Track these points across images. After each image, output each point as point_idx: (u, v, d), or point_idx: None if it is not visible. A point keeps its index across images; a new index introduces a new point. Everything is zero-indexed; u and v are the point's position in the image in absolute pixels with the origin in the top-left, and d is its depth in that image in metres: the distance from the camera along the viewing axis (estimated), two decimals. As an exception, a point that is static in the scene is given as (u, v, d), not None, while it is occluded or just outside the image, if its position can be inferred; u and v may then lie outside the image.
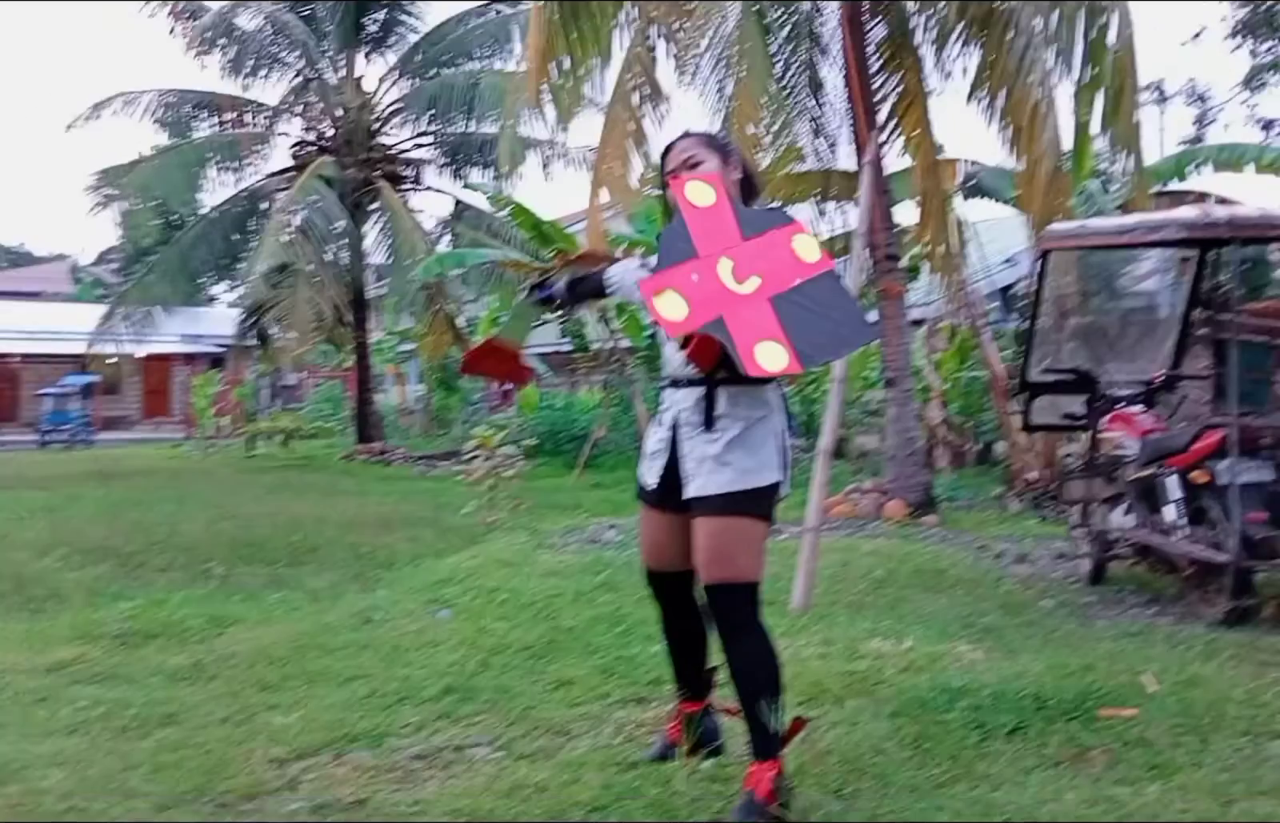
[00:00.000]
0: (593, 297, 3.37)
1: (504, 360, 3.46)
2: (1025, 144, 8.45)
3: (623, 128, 9.22)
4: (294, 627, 5.24)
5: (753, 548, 2.87)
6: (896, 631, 4.78)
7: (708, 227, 2.72)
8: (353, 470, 15.93)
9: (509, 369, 3.50)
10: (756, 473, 2.84)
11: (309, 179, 16.90)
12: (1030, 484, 10.16)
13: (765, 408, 2.89)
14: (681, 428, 2.96)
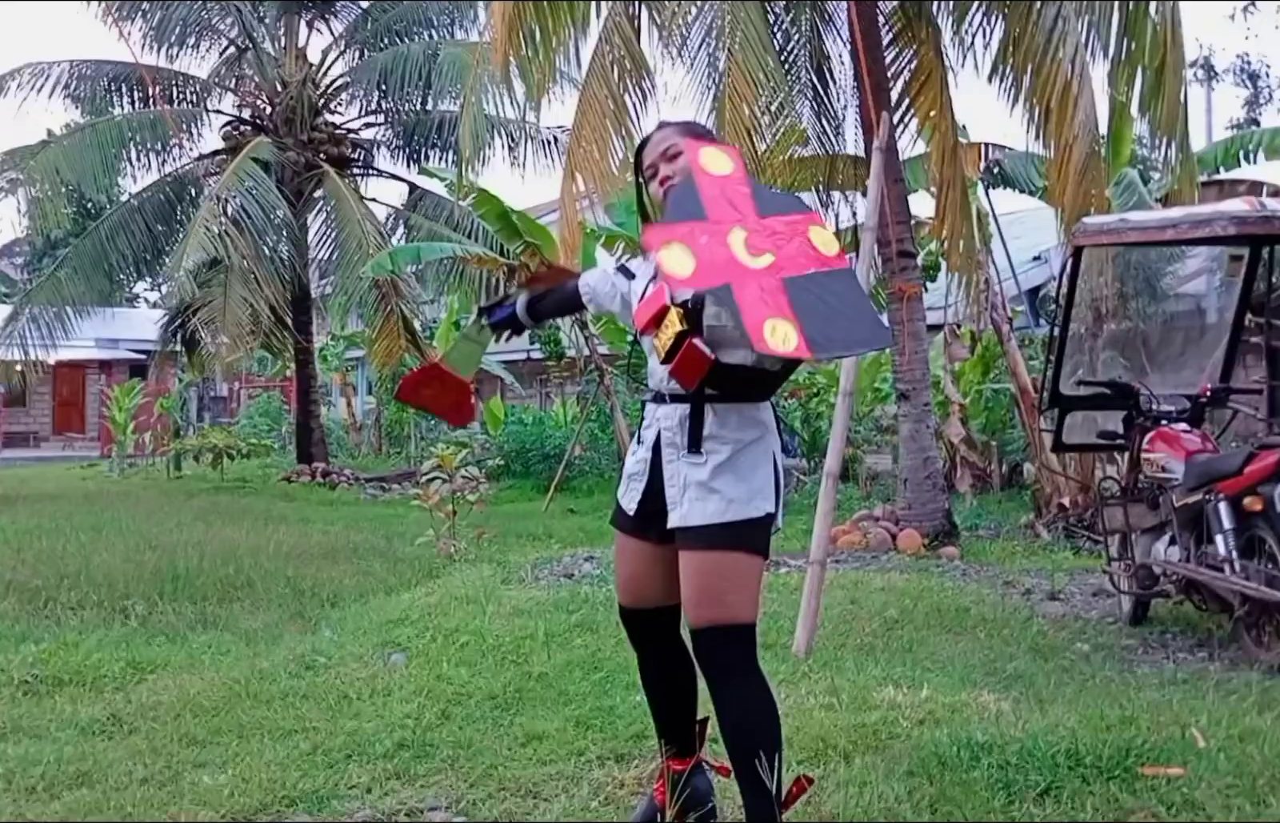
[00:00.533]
0: (560, 313, 3.37)
1: (446, 391, 3.42)
2: (1055, 128, 8.52)
3: (601, 106, 9.25)
4: (225, 673, 5.20)
5: (745, 585, 2.86)
6: (912, 678, 4.78)
7: (721, 195, 2.75)
8: (293, 494, 15.85)
9: (451, 402, 3.45)
10: (747, 503, 2.85)
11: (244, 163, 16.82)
12: (1062, 511, 10.21)
13: (758, 429, 2.89)
14: (665, 449, 2.97)
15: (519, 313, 3.35)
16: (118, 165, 18.58)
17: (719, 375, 2.82)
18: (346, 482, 17.44)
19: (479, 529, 9.60)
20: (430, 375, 3.46)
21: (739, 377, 2.85)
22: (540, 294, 3.38)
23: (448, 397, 3.43)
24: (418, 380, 3.52)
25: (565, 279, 3.42)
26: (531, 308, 3.35)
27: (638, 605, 3.14)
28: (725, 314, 2.58)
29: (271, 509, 12.94)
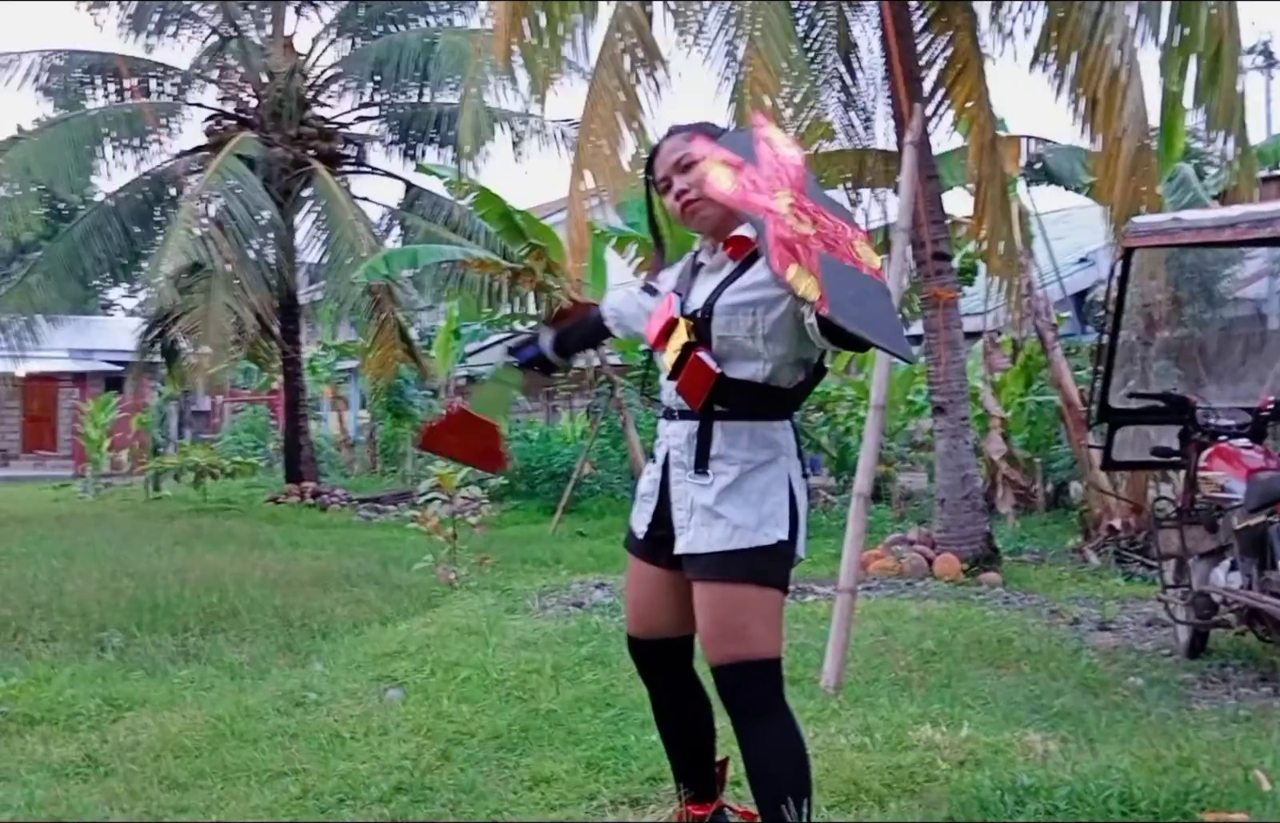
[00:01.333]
0: (589, 344, 3.40)
1: (474, 437, 3.45)
2: (1102, 120, 8.51)
3: (611, 98, 9.27)
4: (208, 710, 5.21)
5: (763, 619, 2.87)
6: (951, 715, 4.77)
7: (775, 162, 2.77)
8: (280, 516, 15.88)
9: (480, 447, 3.49)
10: (754, 530, 2.85)
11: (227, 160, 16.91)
12: (1113, 534, 10.18)
13: (770, 450, 2.89)
14: (673, 468, 3.00)
15: (546, 351, 3.37)
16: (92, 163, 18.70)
17: (727, 391, 2.86)
18: (338, 503, 17.47)
19: (481, 554, 9.59)
20: (455, 422, 3.49)
21: (750, 392, 2.87)
22: (567, 330, 3.41)
23: (476, 443, 3.47)
24: (442, 428, 3.54)
25: (590, 312, 3.45)
26: (559, 344, 3.38)
27: (646, 635, 3.16)
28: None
29: (258, 533, 12.96)
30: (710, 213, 2.96)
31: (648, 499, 3.08)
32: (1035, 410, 13.27)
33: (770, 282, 2.80)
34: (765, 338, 2.84)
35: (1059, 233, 16.02)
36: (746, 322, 2.85)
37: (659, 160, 3.08)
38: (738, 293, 2.88)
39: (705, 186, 2.71)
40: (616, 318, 3.31)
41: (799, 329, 2.78)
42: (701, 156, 2.94)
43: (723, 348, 2.87)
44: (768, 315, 2.83)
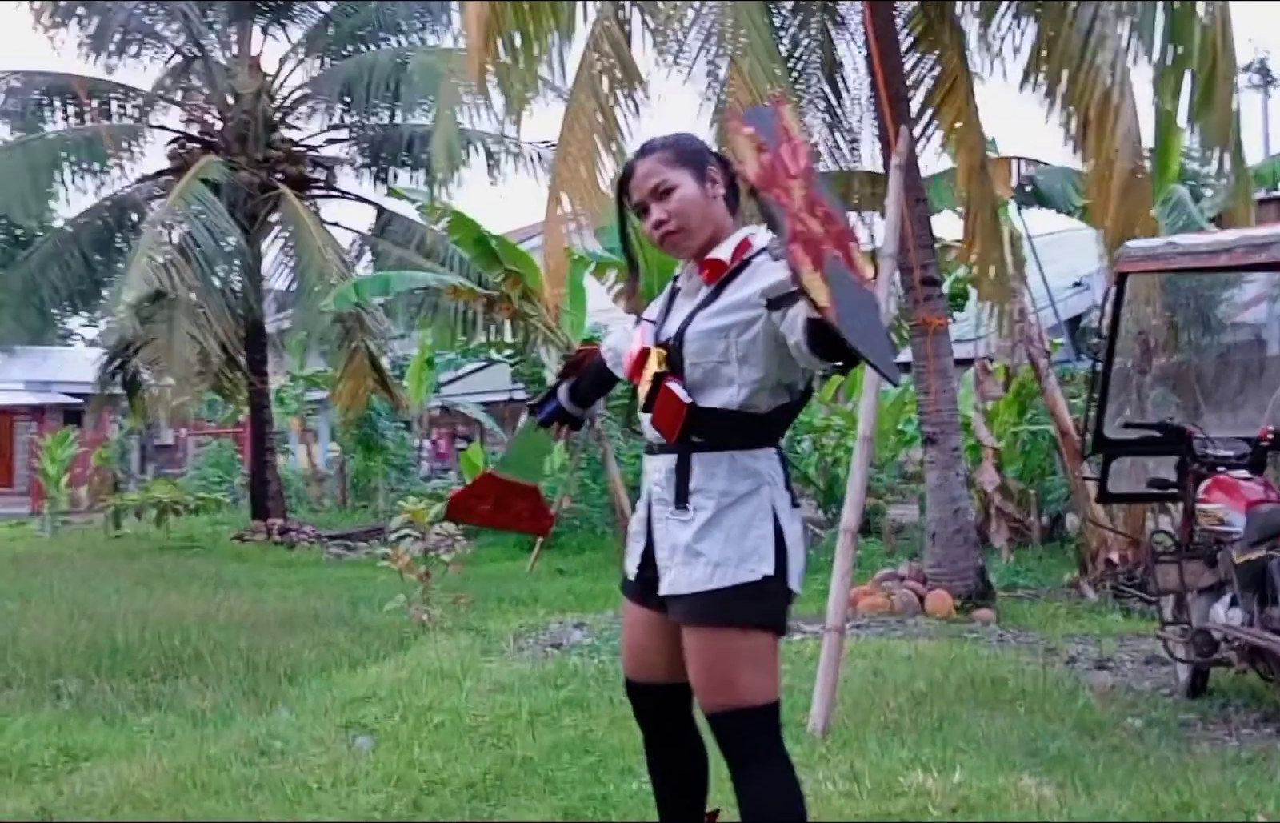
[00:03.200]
0: (600, 390, 3.38)
1: (511, 500, 3.45)
2: (1094, 140, 8.58)
3: (589, 120, 9.30)
4: (169, 760, 5.17)
5: (754, 663, 2.84)
6: (942, 759, 4.77)
7: (789, 146, 2.72)
8: (246, 554, 15.81)
9: (519, 510, 3.47)
10: (736, 567, 2.81)
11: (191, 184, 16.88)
12: (1110, 568, 10.20)
13: (751, 480, 2.86)
14: (654, 505, 2.99)
15: (564, 403, 3.36)
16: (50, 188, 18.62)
17: (703, 421, 2.84)
18: (307, 540, 17.39)
19: (455, 594, 9.56)
20: (485, 488, 3.48)
21: (726, 421, 2.85)
22: (577, 380, 3.39)
23: (515, 505, 3.46)
24: (469, 496, 3.53)
25: (596, 357, 3.44)
26: (574, 395, 3.36)
27: (641, 679, 3.13)
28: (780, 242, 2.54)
29: (222, 572, 12.90)
30: (689, 243, 2.96)
31: (637, 538, 3.06)
32: (1029, 440, 13.30)
33: (743, 303, 2.82)
34: (739, 361, 2.83)
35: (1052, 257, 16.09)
36: (719, 346, 2.84)
37: (634, 183, 3.02)
38: (710, 318, 2.87)
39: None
40: (614, 358, 3.28)
41: (776, 350, 2.77)
42: (676, 184, 2.93)
43: (695, 376, 2.86)
44: (741, 337, 2.82)
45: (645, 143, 3.08)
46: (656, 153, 3.01)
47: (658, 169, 2.98)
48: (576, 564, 13.76)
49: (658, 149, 3.01)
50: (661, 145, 3.02)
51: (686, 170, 2.97)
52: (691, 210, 2.95)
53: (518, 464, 3.47)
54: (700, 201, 2.95)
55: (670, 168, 2.97)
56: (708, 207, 2.96)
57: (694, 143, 3.07)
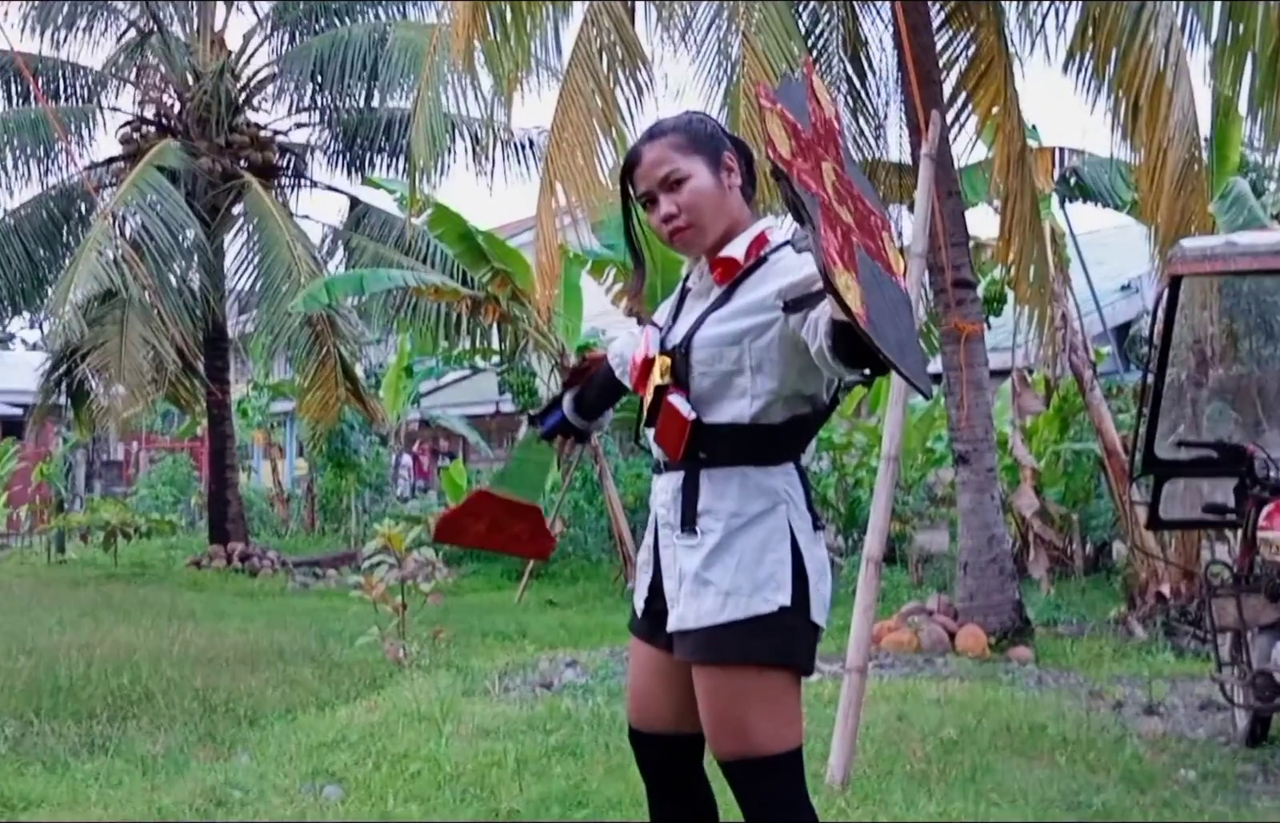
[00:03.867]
0: (608, 400, 3.32)
1: (509, 521, 3.42)
2: (1145, 128, 8.58)
3: (586, 103, 9.31)
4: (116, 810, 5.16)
5: (769, 706, 2.80)
6: (974, 814, 4.75)
7: (821, 123, 2.68)
8: (204, 583, 15.79)
9: (517, 532, 3.45)
10: (749, 596, 2.78)
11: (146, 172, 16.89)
12: (1161, 602, 10.19)
13: (766, 499, 2.83)
14: (660, 530, 2.97)
15: (568, 415, 3.33)
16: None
17: (711, 435, 2.82)
18: (270, 567, 17.38)
19: (435, 627, 9.55)
20: (479, 507, 3.44)
21: (737, 435, 2.82)
22: (583, 389, 3.36)
23: (513, 526, 3.43)
24: (462, 515, 3.49)
25: (603, 364, 3.41)
26: (579, 407, 3.33)
27: (646, 729, 3.08)
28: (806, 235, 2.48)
29: (177, 602, 12.88)
30: (701, 239, 2.92)
31: (644, 570, 3.04)
32: (1072, 460, 13.30)
33: (758, 305, 2.79)
34: (753, 370, 2.80)
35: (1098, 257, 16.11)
36: (731, 354, 2.81)
37: (640, 171, 2.97)
38: (721, 322, 2.84)
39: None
40: (621, 365, 3.22)
41: (795, 356, 2.75)
42: (688, 174, 2.90)
43: (704, 386, 2.83)
44: (755, 343, 2.79)
45: (653, 125, 3.03)
46: (666, 137, 2.96)
47: (667, 156, 2.93)
48: (569, 595, 13.75)
49: (667, 133, 2.96)
50: (672, 128, 2.97)
51: (699, 157, 2.93)
52: (705, 203, 2.91)
53: (517, 481, 3.44)
54: (714, 193, 2.91)
55: (681, 155, 2.93)
56: (723, 198, 2.92)
57: (707, 125, 3.02)
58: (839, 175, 2.56)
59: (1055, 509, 13.01)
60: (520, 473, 3.46)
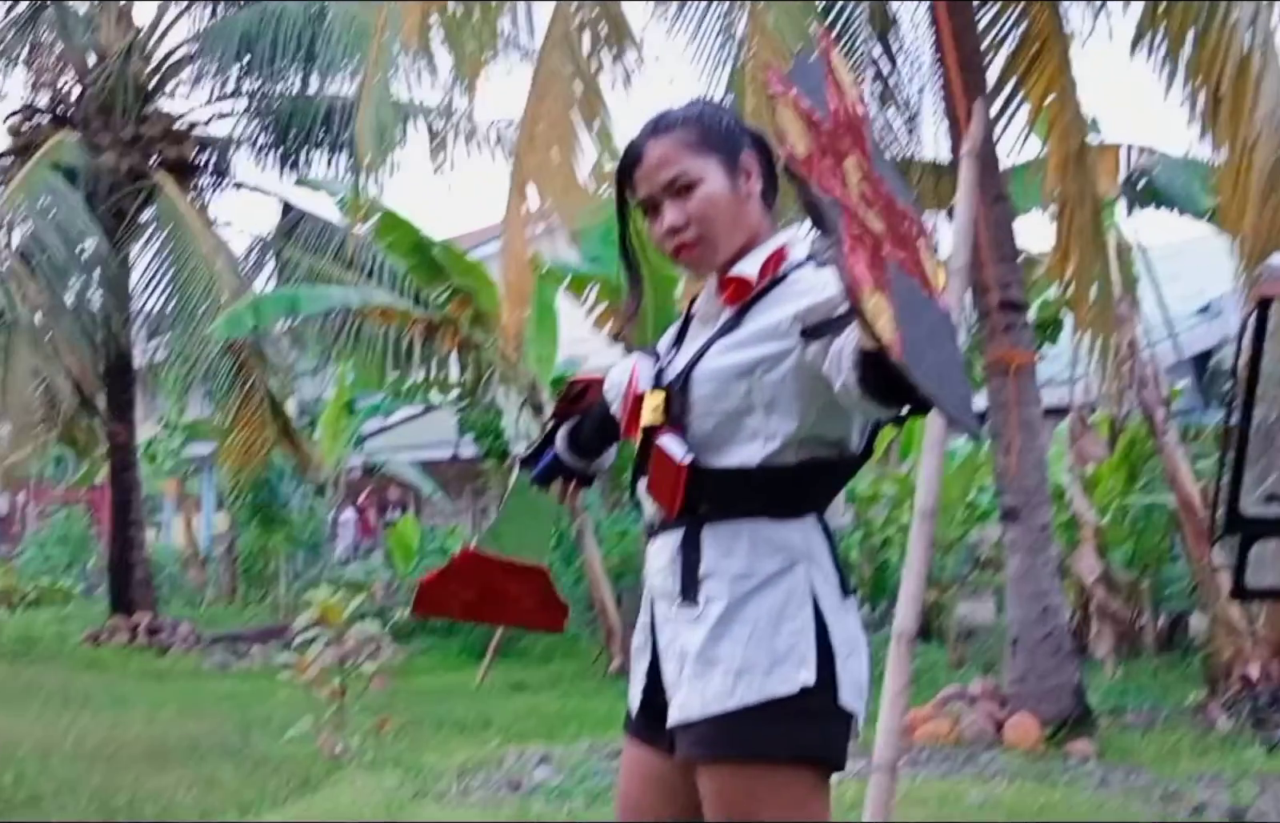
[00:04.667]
0: (606, 439, 3.23)
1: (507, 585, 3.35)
2: (1228, 122, 8.61)
3: (564, 90, 9.34)
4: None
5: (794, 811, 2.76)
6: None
7: (844, 111, 2.63)
8: (103, 662, 15.72)
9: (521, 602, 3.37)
10: (764, 676, 2.73)
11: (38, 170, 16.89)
12: (1249, 687, 10.17)
13: (781, 557, 2.79)
14: (657, 603, 2.92)
15: (562, 454, 3.25)
16: None
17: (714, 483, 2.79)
18: (183, 643, 17.30)
19: (380, 716, 9.50)
20: (467, 570, 3.37)
21: (744, 482, 2.79)
22: (579, 422, 3.28)
23: (512, 591, 3.36)
24: (445, 580, 3.39)
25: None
26: (575, 442, 3.25)
27: None
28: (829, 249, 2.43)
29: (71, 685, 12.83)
30: (712, 256, 2.89)
31: (641, 655, 2.97)
32: (1141, 516, 13.30)
33: (772, 331, 2.76)
34: (765, 408, 2.77)
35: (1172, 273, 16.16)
36: (738, 389, 2.78)
37: (642, 172, 2.93)
38: (727, 352, 2.81)
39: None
40: (618, 390, 3.17)
41: (815, 393, 2.72)
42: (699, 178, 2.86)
43: (706, 427, 2.80)
44: (767, 376, 2.76)
45: (658, 117, 2.98)
46: (674, 132, 2.92)
47: (675, 155, 2.90)
48: (541, 677, 13.71)
49: (675, 127, 2.93)
50: (681, 121, 2.94)
51: (713, 158, 2.89)
52: (718, 213, 2.88)
53: (512, 537, 3.37)
54: (729, 201, 2.88)
55: (691, 154, 2.89)
56: (739, 208, 2.89)
57: (723, 119, 2.98)
58: (866, 173, 2.52)
59: (1121, 575, 13.01)
60: (515, 527, 3.40)
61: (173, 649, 16.92)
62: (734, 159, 2.91)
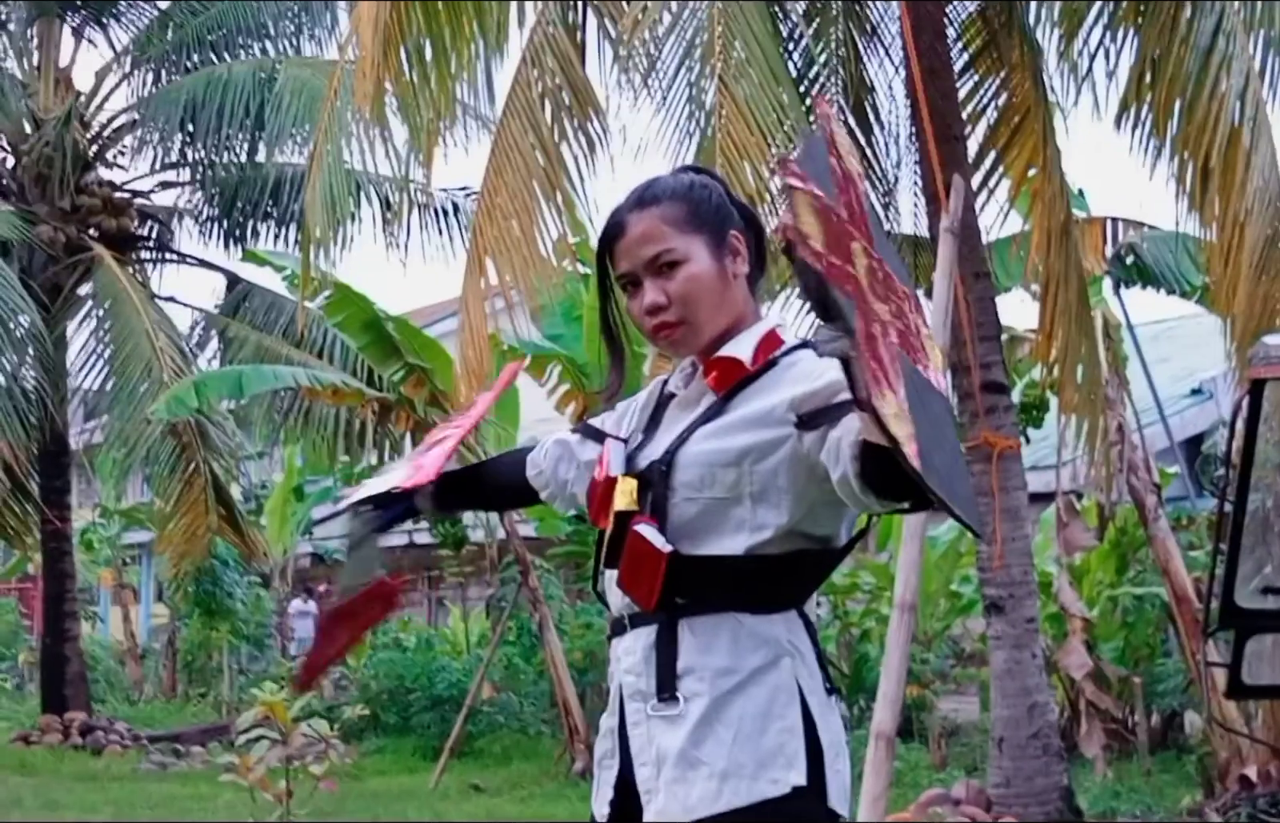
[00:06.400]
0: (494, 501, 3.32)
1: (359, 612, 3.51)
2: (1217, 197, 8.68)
3: (525, 160, 9.37)
4: None
5: None
6: None
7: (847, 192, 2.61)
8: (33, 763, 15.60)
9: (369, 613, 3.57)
10: (752, 778, 2.71)
11: (-31, 242, 16.89)
12: (1247, 789, 10.17)
13: (767, 651, 2.77)
14: (628, 704, 2.86)
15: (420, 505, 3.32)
16: None
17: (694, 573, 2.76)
18: (119, 743, 17.17)
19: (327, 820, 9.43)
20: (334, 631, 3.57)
21: (727, 571, 2.77)
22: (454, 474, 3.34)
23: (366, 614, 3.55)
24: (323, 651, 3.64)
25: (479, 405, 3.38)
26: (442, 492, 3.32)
27: None
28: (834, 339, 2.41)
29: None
30: (693, 339, 2.89)
31: (607, 764, 2.92)
32: (1132, 608, 13.33)
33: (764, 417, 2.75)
34: (753, 499, 2.75)
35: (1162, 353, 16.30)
36: (727, 478, 2.76)
37: (624, 245, 2.92)
38: (715, 436, 2.79)
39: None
40: (545, 478, 3.22)
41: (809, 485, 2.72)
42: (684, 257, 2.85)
43: (688, 513, 2.77)
44: (758, 465, 2.75)
45: (644, 187, 2.98)
46: (660, 206, 2.91)
47: (659, 231, 2.88)
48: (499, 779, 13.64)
49: (662, 201, 2.92)
50: (669, 195, 2.93)
51: (700, 236, 2.88)
52: (703, 295, 2.86)
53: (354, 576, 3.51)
54: (715, 283, 2.87)
55: (677, 231, 2.88)
56: (724, 290, 2.88)
57: (712, 194, 2.97)
58: (869, 255, 2.49)
59: (1112, 671, 13.01)
60: (356, 569, 3.52)
61: (108, 749, 16.78)
62: (721, 237, 2.90)
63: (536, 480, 3.24)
